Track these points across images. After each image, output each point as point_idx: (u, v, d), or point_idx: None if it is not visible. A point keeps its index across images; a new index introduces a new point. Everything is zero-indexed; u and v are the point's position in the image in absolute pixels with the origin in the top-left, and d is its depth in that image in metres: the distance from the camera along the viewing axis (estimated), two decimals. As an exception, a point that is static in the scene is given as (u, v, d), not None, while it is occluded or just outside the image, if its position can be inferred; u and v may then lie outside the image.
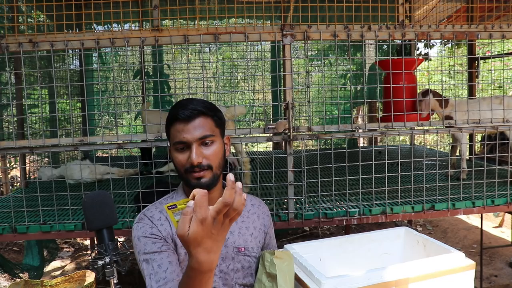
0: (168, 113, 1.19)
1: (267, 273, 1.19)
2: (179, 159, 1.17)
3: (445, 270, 1.25)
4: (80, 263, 4.53)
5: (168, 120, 1.19)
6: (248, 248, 1.27)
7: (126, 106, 4.99)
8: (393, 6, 3.91)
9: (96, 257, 0.99)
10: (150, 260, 1.13)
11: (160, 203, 1.28)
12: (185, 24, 2.44)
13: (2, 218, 2.52)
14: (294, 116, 2.46)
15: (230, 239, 1.25)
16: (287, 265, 1.19)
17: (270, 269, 1.18)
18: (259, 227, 1.33)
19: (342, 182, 2.77)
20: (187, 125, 1.15)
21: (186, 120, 1.15)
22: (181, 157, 1.16)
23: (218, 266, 1.22)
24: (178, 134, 1.15)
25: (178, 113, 1.15)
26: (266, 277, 1.19)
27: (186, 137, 1.14)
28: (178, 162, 1.17)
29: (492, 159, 3.22)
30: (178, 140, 1.15)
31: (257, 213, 1.35)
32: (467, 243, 4.90)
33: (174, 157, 1.18)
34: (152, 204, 1.28)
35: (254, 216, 1.33)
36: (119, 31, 2.28)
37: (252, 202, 1.37)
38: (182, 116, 1.15)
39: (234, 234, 1.27)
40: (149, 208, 1.26)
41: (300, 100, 5.47)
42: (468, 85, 4.23)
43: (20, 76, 3.15)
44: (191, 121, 1.16)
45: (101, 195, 1.06)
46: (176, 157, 1.17)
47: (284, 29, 2.29)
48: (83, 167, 3.15)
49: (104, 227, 1.01)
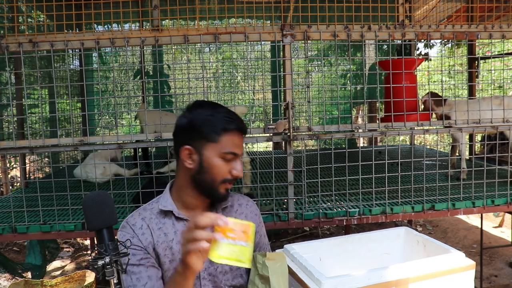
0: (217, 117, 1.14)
1: (260, 275, 1.18)
2: (223, 168, 1.15)
3: (445, 270, 1.25)
4: (80, 263, 4.54)
5: (220, 125, 1.14)
6: None
7: (126, 106, 4.99)
8: (393, 6, 3.91)
9: (96, 257, 0.99)
10: (129, 272, 1.13)
11: (144, 209, 1.24)
12: (185, 24, 2.44)
13: (2, 218, 2.52)
14: (294, 116, 2.46)
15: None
16: (280, 265, 1.17)
17: (263, 271, 1.17)
18: None
19: (342, 182, 2.77)
20: (241, 139, 1.19)
21: (242, 135, 1.19)
22: (225, 167, 1.15)
23: (207, 269, 1.21)
24: (233, 146, 1.15)
25: (240, 126, 1.17)
26: (259, 279, 1.18)
27: (238, 151, 1.17)
28: (221, 170, 1.15)
29: (492, 159, 3.22)
30: (232, 151, 1.15)
31: (245, 212, 1.32)
32: (467, 243, 4.90)
33: (217, 165, 1.14)
34: (136, 211, 1.26)
35: (242, 216, 1.30)
36: (119, 31, 2.28)
37: (239, 202, 1.33)
38: (243, 131, 1.18)
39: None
40: (132, 215, 1.23)
41: (300, 100, 5.47)
42: (468, 85, 4.23)
43: (20, 76, 3.15)
44: (243, 136, 1.21)
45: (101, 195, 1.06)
46: (220, 165, 1.15)
47: (284, 29, 2.29)
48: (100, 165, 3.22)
49: (104, 227, 1.01)
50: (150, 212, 1.23)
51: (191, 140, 1.15)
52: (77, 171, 3.27)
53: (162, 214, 1.22)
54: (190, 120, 1.16)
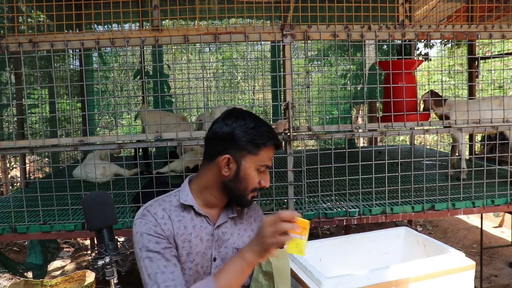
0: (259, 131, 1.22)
1: (264, 271, 1.20)
2: (256, 178, 1.24)
3: (445, 270, 1.25)
4: (80, 263, 4.54)
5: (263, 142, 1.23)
6: None
7: (126, 106, 4.99)
8: (393, 6, 3.91)
9: (96, 257, 0.99)
10: (155, 259, 1.13)
11: (163, 200, 1.26)
12: (185, 24, 2.44)
13: (2, 218, 2.52)
14: (294, 116, 2.46)
15: (230, 240, 1.26)
16: (282, 263, 1.20)
17: (266, 267, 1.19)
18: (255, 230, 1.34)
19: (342, 182, 2.77)
20: (273, 153, 1.29)
21: (277, 149, 1.29)
22: (257, 177, 1.24)
23: (218, 267, 1.23)
24: (269, 159, 1.25)
25: (278, 142, 1.26)
26: (263, 276, 1.20)
27: (270, 163, 1.27)
28: (254, 180, 1.24)
29: (492, 159, 3.22)
30: (267, 164, 1.25)
31: (253, 216, 1.37)
32: (467, 243, 4.89)
33: (252, 175, 1.23)
34: (155, 201, 1.26)
35: (251, 219, 1.36)
36: (119, 31, 2.28)
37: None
38: (279, 146, 1.27)
39: (234, 235, 1.28)
40: (152, 205, 1.24)
41: (300, 100, 5.47)
42: (468, 85, 4.22)
43: (20, 76, 3.15)
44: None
45: (101, 195, 1.06)
46: (254, 176, 1.24)
47: (284, 29, 2.29)
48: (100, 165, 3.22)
49: (104, 227, 1.01)
50: (169, 204, 1.25)
51: (231, 150, 1.21)
52: (76, 171, 3.27)
53: (181, 208, 1.24)
54: (233, 130, 1.22)
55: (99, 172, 3.23)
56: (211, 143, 1.26)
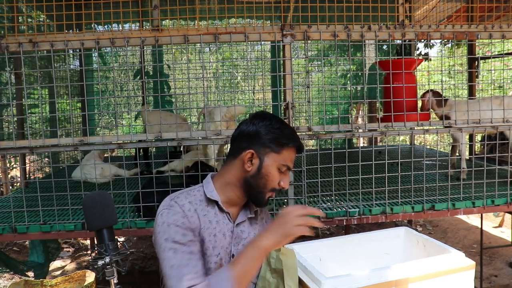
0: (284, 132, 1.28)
1: (273, 269, 1.22)
2: (275, 179, 1.28)
3: (445, 270, 1.25)
4: (80, 263, 4.54)
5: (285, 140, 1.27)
6: None
7: (126, 106, 4.99)
8: (393, 6, 3.91)
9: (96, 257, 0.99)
10: (179, 251, 1.13)
11: (188, 194, 1.27)
12: (185, 24, 2.44)
13: (2, 218, 2.52)
14: (294, 116, 2.46)
15: (247, 239, 1.31)
16: (291, 261, 1.22)
17: (276, 265, 1.22)
18: None
19: (342, 182, 2.76)
20: (295, 157, 1.33)
21: (299, 152, 1.33)
22: (277, 177, 1.28)
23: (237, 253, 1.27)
24: (290, 160, 1.29)
25: (301, 145, 1.30)
26: (271, 274, 1.22)
27: (292, 166, 1.31)
28: (274, 178, 1.28)
29: (492, 159, 3.21)
30: (288, 164, 1.29)
31: (265, 218, 1.44)
32: (467, 243, 4.89)
33: (273, 173, 1.27)
34: (180, 193, 1.28)
35: (263, 221, 1.42)
36: (119, 31, 2.28)
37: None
38: (301, 149, 1.31)
39: (251, 235, 1.33)
40: (178, 196, 1.25)
41: (300, 100, 5.47)
42: (468, 85, 4.22)
43: (20, 76, 3.14)
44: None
45: (101, 195, 1.06)
46: (275, 174, 1.27)
47: (284, 29, 2.29)
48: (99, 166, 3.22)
49: (104, 227, 1.01)
50: (194, 197, 1.27)
51: (256, 146, 1.26)
52: (76, 173, 3.26)
53: (205, 202, 1.26)
54: (259, 128, 1.27)
55: (98, 172, 3.23)
56: (237, 140, 1.30)
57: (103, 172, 3.31)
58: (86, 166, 3.15)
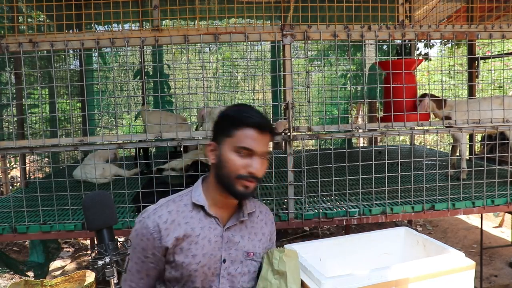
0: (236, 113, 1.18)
1: (275, 270, 1.21)
2: (237, 163, 1.16)
3: (445, 270, 1.25)
4: (80, 263, 4.53)
5: (236, 120, 1.17)
6: (256, 254, 1.29)
7: (126, 106, 4.99)
8: (393, 6, 3.91)
9: (96, 257, 0.99)
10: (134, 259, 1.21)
11: (173, 201, 1.25)
12: (185, 24, 2.44)
13: (2, 218, 2.52)
14: (294, 116, 2.46)
15: (241, 243, 1.26)
16: (294, 263, 1.22)
17: (279, 266, 1.20)
18: (267, 234, 1.36)
19: (342, 182, 2.76)
20: (259, 135, 1.17)
21: (260, 131, 1.17)
22: (239, 162, 1.16)
23: (227, 269, 1.23)
24: (248, 140, 1.16)
25: (257, 121, 1.16)
26: (273, 275, 1.21)
27: (255, 147, 1.16)
28: (234, 165, 1.16)
29: (492, 159, 3.21)
30: (247, 146, 1.16)
31: (265, 220, 1.37)
32: (467, 243, 4.89)
33: (231, 159, 1.16)
34: (167, 200, 1.26)
35: (262, 223, 1.36)
36: (119, 31, 2.28)
37: (260, 209, 1.38)
38: (261, 126, 1.17)
39: (245, 238, 1.28)
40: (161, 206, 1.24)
41: (300, 100, 5.47)
42: (468, 85, 4.22)
43: (20, 76, 3.14)
44: (263, 134, 1.18)
45: (101, 195, 1.06)
46: (233, 159, 1.16)
47: (284, 29, 2.29)
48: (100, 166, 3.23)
49: (104, 227, 1.01)
50: (178, 204, 1.24)
51: (216, 136, 1.22)
52: (76, 172, 3.27)
53: (191, 208, 1.23)
54: (218, 118, 1.23)
55: (99, 172, 3.23)
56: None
57: (103, 172, 3.31)
58: (87, 166, 3.16)
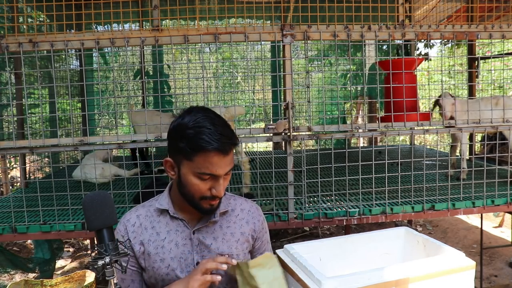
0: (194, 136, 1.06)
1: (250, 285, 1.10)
2: (200, 187, 1.10)
3: (445, 270, 1.25)
4: (80, 263, 4.54)
5: (196, 146, 1.06)
6: (233, 255, 1.22)
7: (126, 106, 4.99)
8: (393, 6, 3.91)
9: (96, 257, 0.99)
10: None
11: (143, 206, 1.27)
12: (185, 24, 2.44)
13: (2, 218, 2.52)
14: (294, 116, 2.46)
15: (213, 245, 1.21)
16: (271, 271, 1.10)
17: (251, 282, 1.08)
18: (247, 233, 1.28)
19: (342, 182, 2.77)
20: (223, 159, 1.08)
21: (224, 155, 1.07)
22: (202, 186, 1.10)
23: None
24: (210, 167, 1.07)
25: (217, 146, 1.05)
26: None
27: (218, 171, 1.08)
28: (198, 190, 1.10)
29: (492, 159, 3.21)
30: (209, 172, 1.07)
31: (246, 218, 1.29)
32: (467, 243, 4.89)
33: (193, 183, 1.09)
34: (137, 207, 1.28)
35: (243, 222, 1.28)
36: (119, 31, 2.28)
37: (242, 206, 1.30)
38: (223, 151, 1.06)
39: (218, 240, 1.23)
40: (131, 211, 1.26)
41: (300, 100, 5.47)
42: (468, 85, 4.22)
43: (20, 76, 3.15)
44: (226, 155, 1.08)
45: (101, 195, 1.05)
46: (195, 184, 1.10)
47: (284, 29, 2.29)
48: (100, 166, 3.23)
49: (104, 227, 1.01)
50: (147, 209, 1.26)
51: (172, 152, 1.13)
52: (76, 173, 3.27)
53: (158, 213, 1.24)
54: (172, 129, 1.11)
55: (98, 172, 3.23)
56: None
57: (103, 172, 3.31)
58: (87, 166, 3.16)
